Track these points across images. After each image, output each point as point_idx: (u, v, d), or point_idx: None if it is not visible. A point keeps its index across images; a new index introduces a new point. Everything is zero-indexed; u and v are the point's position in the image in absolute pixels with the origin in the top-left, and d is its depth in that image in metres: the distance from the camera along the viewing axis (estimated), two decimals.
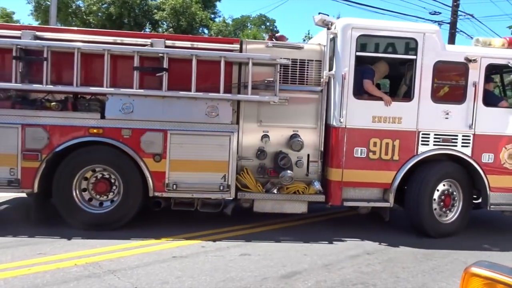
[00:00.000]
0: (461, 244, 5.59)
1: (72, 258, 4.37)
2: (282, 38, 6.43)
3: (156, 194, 5.38)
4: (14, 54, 5.07)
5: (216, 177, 5.46)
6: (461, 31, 18.10)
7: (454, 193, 6.02)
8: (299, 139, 5.70)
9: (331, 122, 5.76)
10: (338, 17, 6.44)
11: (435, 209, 5.92)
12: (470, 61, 5.77)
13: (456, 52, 5.86)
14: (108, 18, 24.29)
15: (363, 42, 5.64)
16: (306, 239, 5.41)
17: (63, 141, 5.17)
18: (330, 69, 5.75)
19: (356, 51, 5.60)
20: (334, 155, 5.75)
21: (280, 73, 5.60)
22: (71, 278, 3.90)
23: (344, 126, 5.67)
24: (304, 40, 26.35)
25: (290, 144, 5.70)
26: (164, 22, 26.58)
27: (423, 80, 5.73)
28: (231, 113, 5.52)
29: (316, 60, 5.84)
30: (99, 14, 24.65)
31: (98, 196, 5.45)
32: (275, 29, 43.68)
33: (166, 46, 5.44)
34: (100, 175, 5.46)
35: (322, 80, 5.74)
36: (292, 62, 5.69)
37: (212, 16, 29.72)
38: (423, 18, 19.77)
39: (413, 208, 5.87)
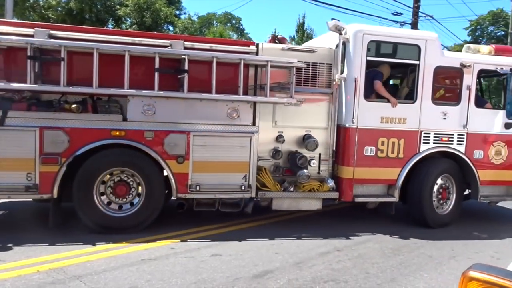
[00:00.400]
0: (426, 237, 5.83)
1: (34, 264, 4.13)
2: (283, 40, 6.63)
3: (180, 195, 5.38)
4: (29, 53, 4.83)
5: (238, 177, 5.56)
6: None
7: (449, 187, 6.57)
8: (314, 139, 5.94)
9: (343, 122, 6.05)
10: (303, 16, 6.74)
11: (434, 201, 6.43)
12: (464, 66, 6.31)
13: (452, 58, 6.38)
14: (68, 13, 23.09)
15: (372, 47, 5.98)
16: (276, 237, 5.40)
17: (85, 144, 5.02)
18: (341, 72, 6.03)
19: (367, 55, 5.93)
20: (346, 154, 6.05)
21: (292, 74, 5.79)
22: (33, 286, 3.69)
23: (356, 126, 5.99)
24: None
25: (306, 144, 5.92)
26: (128, 19, 25.76)
27: (425, 84, 6.19)
28: (251, 114, 5.64)
29: (326, 63, 6.11)
30: (59, 9, 23.37)
31: (117, 199, 5.34)
32: (240, 26, 43.87)
33: (185, 48, 5.44)
34: (118, 178, 5.36)
35: (334, 82, 6.01)
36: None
37: (177, 12, 29.24)
38: (386, 19, 20.77)
39: (416, 202, 6.33)
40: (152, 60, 5.26)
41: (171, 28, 27.55)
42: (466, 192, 6.94)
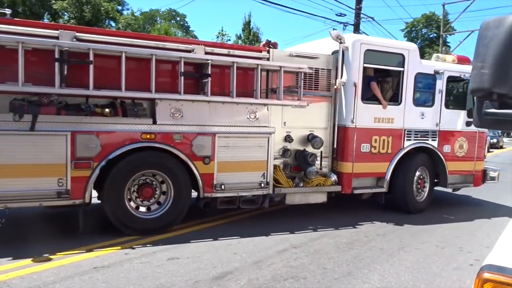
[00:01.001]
0: (376, 230, 6.12)
1: None
2: (275, 45, 7.13)
3: (206, 195, 5.59)
4: (56, 56, 4.71)
5: (257, 175, 5.92)
6: (364, 32, 19.42)
7: (425, 177, 7.59)
8: (320, 138, 6.51)
9: (344, 123, 6.70)
10: (249, 15, 7.30)
11: (414, 191, 7.39)
12: (437, 73, 7.34)
13: (428, 66, 7.37)
14: None
15: (368, 55, 6.71)
16: (233, 237, 5.38)
17: (117, 147, 5.02)
18: (341, 77, 6.67)
19: (364, 62, 6.65)
20: (346, 151, 6.72)
21: (300, 79, 6.30)
22: None
23: (355, 126, 6.68)
24: (218, 37, 26.69)
25: (313, 143, 6.47)
26: (66, 13, 24.17)
27: (408, 88, 7.09)
28: (268, 116, 6.03)
29: (327, 69, 6.71)
30: None
31: (144, 202, 5.41)
32: (186, 24, 43.16)
33: (205, 53, 5.66)
34: (142, 181, 5.43)
35: (335, 86, 6.64)
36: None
37: (120, 8, 28.04)
38: (330, 19, 21.89)
39: (401, 191, 7.22)
40: (175, 64, 5.42)
41: (113, 24, 26.41)
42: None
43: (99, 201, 5.32)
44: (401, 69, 7.03)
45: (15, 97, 4.74)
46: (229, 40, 25.97)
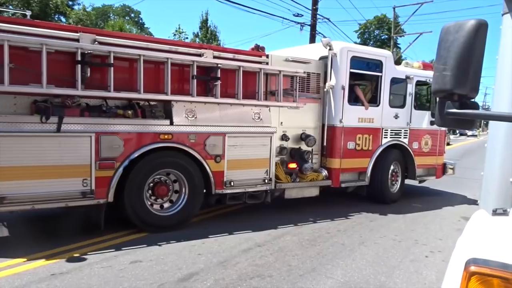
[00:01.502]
0: (336, 226, 6.28)
1: None
2: (263, 48, 7.63)
3: (217, 191, 5.92)
4: (79, 58, 4.80)
5: (261, 172, 6.36)
6: (320, 33, 20.23)
7: (397, 171, 8.49)
8: (313, 136, 7.10)
9: (332, 122, 7.34)
10: (206, 13, 7.79)
11: (389, 183, 8.26)
12: (408, 78, 8.26)
13: (401, 71, 8.26)
14: None
15: (353, 61, 7.41)
16: (196, 238, 5.30)
17: (138, 147, 5.20)
18: (328, 80, 7.30)
19: (350, 68, 7.34)
20: (335, 148, 7.37)
21: (296, 82, 6.83)
22: None
23: (342, 125, 7.35)
24: (175, 35, 26.32)
25: (307, 141, 7.04)
26: (11, 6, 22.60)
27: (385, 91, 7.91)
28: (270, 117, 6.48)
29: (317, 73, 7.31)
30: None
31: (158, 200, 5.62)
32: (140, 21, 41.85)
33: (214, 57, 5.98)
34: (157, 180, 5.63)
35: (325, 89, 7.26)
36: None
37: (70, 3, 26.69)
38: (288, 19, 22.16)
39: (378, 184, 8.03)
40: (187, 68, 5.69)
41: (63, 19, 25.11)
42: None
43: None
44: (380, 74, 7.82)
45: (35, 99, 4.75)
46: (187, 38, 25.83)
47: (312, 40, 18.45)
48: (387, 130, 8.05)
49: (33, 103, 4.73)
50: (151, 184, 5.57)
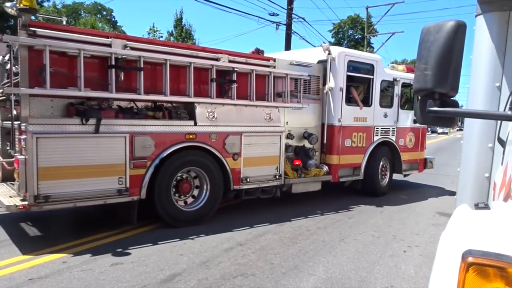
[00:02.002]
0: (316, 224, 6.33)
1: None
2: (263, 52, 8.14)
3: (235, 187, 6.32)
4: (113, 63, 5.06)
5: (272, 168, 6.82)
6: (295, 32, 20.24)
7: (386, 166, 9.23)
8: (316, 135, 7.65)
9: (332, 122, 7.93)
10: (181, 12, 8.26)
11: (379, 177, 8.97)
12: (395, 80, 9.00)
13: (389, 74, 8.99)
14: None
15: (349, 65, 8.03)
16: (177, 238, 5.27)
17: (166, 146, 5.51)
18: (326, 83, 7.87)
19: (347, 71, 7.95)
20: (334, 146, 7.96)
21: (300, 85, 7.35)
22: None
23: (341, 124, 7.96)
24: (149, 34, 26.14)
25: (310, 139, 7.58)
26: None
27: (376, 92, 8.60)
28: (279, 116, 6.95)
29: (317, 76, 7.87)
30: None
31: (181, 197, 5.96)
32: (113, 19, 40.85)
33: (229, 61, 6.38)
34: (179, 177, 5.96)
35: (325, 91, 7.83)
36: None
37: (39, 0, 25.77)
38: (264, 18, 22.39)
39: (370, 178, 8.71)
40: (206, 71, 6.05)
41: (32, 17, 24.20)
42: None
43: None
44: (372, 76, 8.50)
45: (70, 102, 4.96)
46: (161, 36, 25.70)
47: (288, 39, 18.48)
48: (378, 128, 8.75)
49: (69, 105, 4.94)
50: (175, 181, 5.88)
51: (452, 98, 1.69)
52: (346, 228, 6.17)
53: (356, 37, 49.11)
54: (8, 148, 5.84)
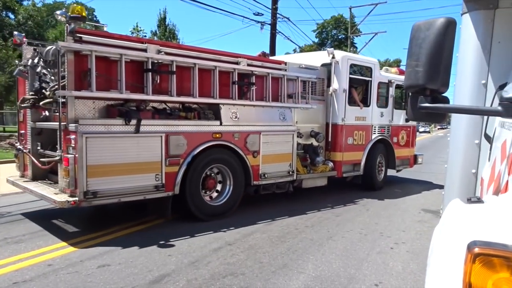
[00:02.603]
0: (304, 222, 6.36)
1: None
2: (268, 55, 8.64)
3: (255, 183, 6.77)
4: (150, 67, 5.40)
5: (286, 165, 7.30)
6: (280, 32, 20.78)
7: (382, 162, 9.90)
8: (322, 133, 8.19)
9: (336, 121, 8.49)
10: (165, 11, 8.92)
11: (376, 173, 9.63)
12: (390, 82, 9.69)
13: (385, 76, 9.66)
14: None
15: (351, 68, 8.62)
16: (165, 239, 5.23)
17: (196, 145, 5.89)
18: (329, 85, 8.44)
19: (349, 74, 8.54)
20: (338, 143, 8.54)
21: (308, 86, 7.87)
22: None
23: (344, 123, 8.54)
24: (132, 33, 25.77)
25: (317, 138, 8.11)
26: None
27: (373, 93, 9.24)
28: (292, 117, 7.44)
29: (321, 78, 8.41)
30: None
31: (207, 192, 6.35)
32: (95, 18, 39.98)
33: (248, 65, 6.81)
34: (205, 174, 6.35)
35: (330, 92, 8.38)
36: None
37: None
38: (248, 18, 22.20)
39: (368, 173, 9.35)
40: (228, 74, 6.45)
41: (11, 15, 23.72)
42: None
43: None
44: (370, 79, 9.14)
45: (111, 103, 5.26)
46: (145, 36, 25.55)
47: (273, 39, 18.73)
48: (375, 127, 9.40)
49: (109, 107, 5.24)
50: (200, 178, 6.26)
51: (443, 94, 1.70)
52: (334, 226, 6.17)
53: (339, 37, 49.57)
54: (38, 148, 6.07)
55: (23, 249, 4.75)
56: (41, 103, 5.32)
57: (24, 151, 6.11)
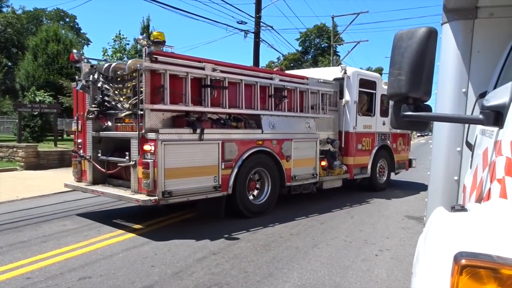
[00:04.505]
0: (288, 230, 6.29)
1: None
2: (284, 70, 9.65)
3: (287, 184, 7.65)
4: (207, 83, 6.23)
5: (311, 168, 8.23)
6: (264, 40, 20.05)
7: (384, 166, 11.02)
8: (338, 140, 9.19)
9: (348, 129, 9.53)
10: (148, 19, 10.16)
11: (378, 175, 10.73)
12: None
13: (385, 89, 10.80)
14: None
15: (360, 82, 9.71)
16: (148, 249, 5.15)
17: (245, 150, 6.72)
18: (341, 97, 9.49)
19: (359, 87, 9.63)
20: (350, 149, 9.57)
21: (326, 99, 8.87)
22: None
23: (355, 131, 9.59)
24: (115, 41, 25.65)
25: (334, 144, 9.11)
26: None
27: (377, 104, 10.37)
28: (315, 126, 8.40)
29: (334, 91, 9.45)
30: None
31: (250, 192, 7.18)
32: (77, 25, 39.73)
33: (280, 80, 7.73)
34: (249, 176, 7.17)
35: (342, 103, 9.42)
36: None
37: None
38: (232, 26, 22.24)
39: (373, 175, 10.43)
40: (264, 88, 7.35)
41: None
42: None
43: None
44: (374, 91, 10.26)
45: (176, 115, 6.04)
46: (128, 43, 25.48)
47: (256, 47, 18.81)
48: (379, 134, 10.52)
49: (175, 118, 6.01)
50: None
51: (425, 103, 1.70)
52: (319, 234, 6.13)
53: (322, 45, 50.43)
54: (99, 155, 6.72)
55: (1, 262, 4.63)
56: (121, 115, 6.00)
57: (87, 157, 6.74)
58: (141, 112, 5.62)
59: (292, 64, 41.18)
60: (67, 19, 42.61)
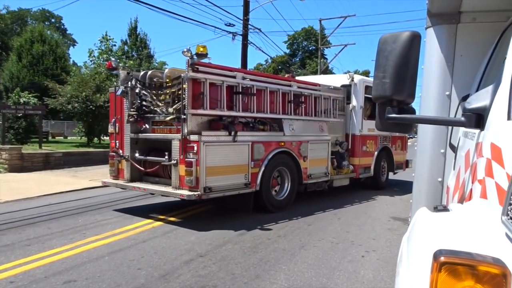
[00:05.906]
0: (276, 232, 6.28)
1: None
2: (294, 77, 10.43)
3: (304, 182, 8.39)
4: (239, 90, 6.93)
5: (324, 167, 9.00)
6: (252, 43, 20.15)
7: (385, 165, 11.87)
8: (346, 142, 9.99)
9: (355, 132, 10.33)
10: (136, 20, 10.61)
11: (380, 175, 11.57)
12: None
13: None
14: None
15: (365, 89, 10.53)
16: (134, 252, 5.10)
17: (269, 151, 7.43)
18: (348, 103, 10.28)
19: (365, 94, 10.44)
20: (356, 150, 10.37)
21: (336, 104, 9.65)
22: None
23: (361, 134, 10.40)
24: (102, 42, 25.66)
25: (342, 146, 9.90)
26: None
27: None
28: (326, 129, 9.16)
29: (342, 97, 10.24)
30: None
31: (272, 189, 7.88)
32: (62, 26, 39.64)
33: (298, 87, 8.46)
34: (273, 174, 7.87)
35: (350, 108, 10.22)
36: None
37: None
38: (220, 29, 22.64)
39: (377, 175, 11.26)
40: (285, 94, 8.08)
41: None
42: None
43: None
44: None
45: (211, 119, 6.71)
46: (114, 45, 25.37)
47: (244, 49, 18.95)
48: (381, 137, 11.36)
49: (211, 121, 6.69)
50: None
51: (409, 105, 1.72)
52: (306, 236, 6.16)
53: (310, 48, 50.93)
54: (136, 155, 7.34)
55: None
56: (167, 119, 6.63)
57: (126, 157, 7.35)
58: (184, 116, 6.27)
59: (279, 67, 41.78)
60: (53, 20, 42.41)
